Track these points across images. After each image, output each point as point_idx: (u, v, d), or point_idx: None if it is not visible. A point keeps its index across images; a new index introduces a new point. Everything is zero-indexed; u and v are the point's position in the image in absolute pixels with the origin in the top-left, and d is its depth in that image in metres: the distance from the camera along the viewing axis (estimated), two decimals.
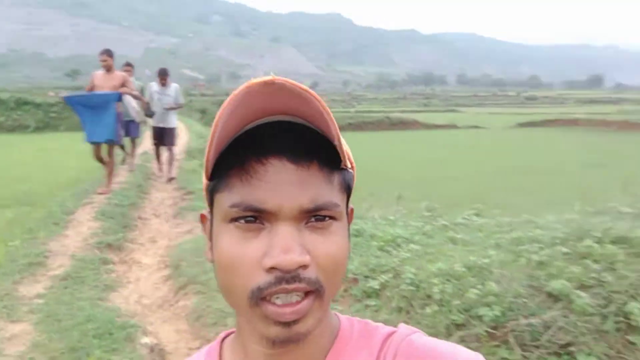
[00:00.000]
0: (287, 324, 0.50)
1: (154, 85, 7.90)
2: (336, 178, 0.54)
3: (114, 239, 4.68)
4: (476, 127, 31.89)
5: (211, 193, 0.56)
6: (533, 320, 2.53)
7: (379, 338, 0.59)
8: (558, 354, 2.57)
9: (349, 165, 0.57)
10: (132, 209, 5.88)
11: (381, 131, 29.57)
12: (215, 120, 0.50)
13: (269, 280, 0.49)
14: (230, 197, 0.52)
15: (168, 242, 4.90)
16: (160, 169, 8.33)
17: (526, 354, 2.53)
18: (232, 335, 0.65)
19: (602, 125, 31.15)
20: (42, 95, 26.02)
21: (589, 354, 2.53)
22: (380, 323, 0.62)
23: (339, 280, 0.54)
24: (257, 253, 0.50)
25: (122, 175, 8.01)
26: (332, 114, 0.50)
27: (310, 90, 0.49)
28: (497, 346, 2.57)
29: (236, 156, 0.52)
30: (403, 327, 0.60)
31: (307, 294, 0.50)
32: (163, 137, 7.93)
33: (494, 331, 2.56)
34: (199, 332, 3.03)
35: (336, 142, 0.51)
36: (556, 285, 2.60)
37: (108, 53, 6.33)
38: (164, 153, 8.13)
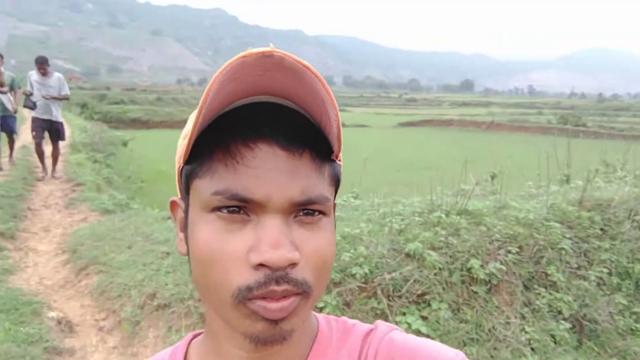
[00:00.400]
0: (274, 321, 0.46)
1: (34, 74, 7.19)
2: (327, 169, 0.50)
3: (5, 227, 4.58)
4: (363, 125, 33.59)
5: (187, 178, 0.50)
6: (395, 275, 3.11)
7: (357, 337, 0.57)
8: (417, 302, 3.18)
9: (338, 157, 0.53)
10: (20, 200, 5.70)
11: None
12: (204, 94, 0.44)
13: (257, 279, 0.45)
14: (213, 183, 0.47)
15: (63, 231, 4.89)
16: (44, 166, 7.64)
17: (391, 303, 3.11)
18: (201, 337, 0.60)
19: (472, 126, 34.46)
20: None
21: (441, 301, 3.17)
22: (356, 320, 0.61)
23: (326, 279, 0.51)
24: (242, 247, 0.46)
25: (4, 168, 7.58)
26: (334, 98, 0.46)
27: (312, 68, 0.44)
28: (368, 297, 3.12)
29: (221, 137, 0.47)
30: (381, 325, 0.58)
31: (294, 294, 0.47)
32: (51, 131, 7.33)
33: (364, 285, 3.11)
34: (104, 305, 3.23)
35: (334, 132, 0.47)
36: (412, 246, 3.21)
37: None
38: (48, 148, 7.51)
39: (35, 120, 7.24)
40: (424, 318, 3.07)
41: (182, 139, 0.50)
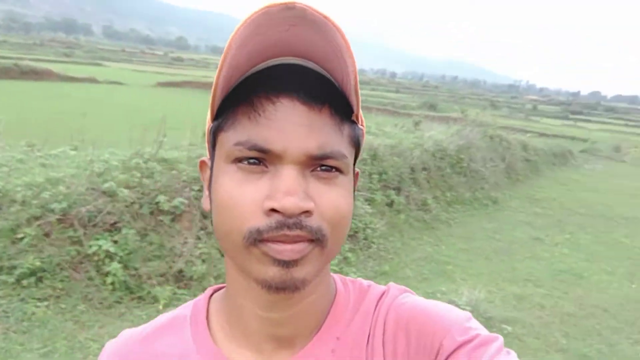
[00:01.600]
0: (286, 264, 0.46)
1: None
2: (347, 129, 0.50)
3: None
4: (118, 83, 32.00)
5: (214, 133, 0.52)
6: (90, 208, 3.82)
7: (372, 299, 0.58)
8: (110, 230, 3.95)
9: (360, 122, 0.54)
10: None
11: (9, 80, 26.38)
12: (226, 47, 0.45)
13: (269, 224, 0.46)
14: (236, 135, 0.48)
15: None
16: None
17: (87, 230, 3.82)
18: (222, 292, 0.61)
19: None
20: None
21: (130, 228, 4.00)
22: (372, 282, 0.62)
23: (342, 234, 0.50)
24: (258, 195, 0.47)
25: None
26: (352, 52, 0.47)
27: (333, 20, 0.44)
28: (66, 228, 3.77)
29: (244, 92, 0.48)
30: (393, 288, 0.60)
31: (309, 242, 0.47)
32: None
33: (63, 217, 3.74)
34: None
35: (351, 88, 0.48)
36: (107, 185, 3.96)
37: None
38: None
39: None
40: (115, 242, 3.87)
41: (211, 99, 0.50)
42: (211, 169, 0.53)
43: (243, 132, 0.48)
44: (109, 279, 3.71)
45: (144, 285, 3.87)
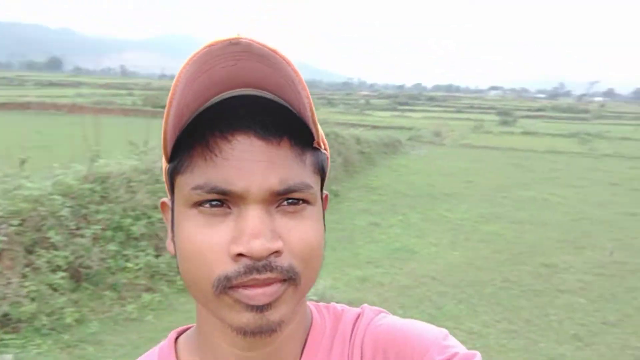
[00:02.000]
0: (260, 309, 0.45)
1: None
2: (308, 158, 0.49)
3: None
4: None
5: (171, 176, 0.50)
6: None
7: (348, 323, 0.57)
8: None
9: (323, 146, 0.52)
10: None
11: None
12: (172, 87, 0.44)
13: (237, 270, 0.45)
14: (193, 178, 0.47)
15: None
16: None
17: None
18: (189, 334, 0.59)
19: (54, 108, 32.55)
20: None
21: None
22: (345, 305, 0.61)
23: (315, 268, 0.50)
24: (223, 239, 0.46)
25: None
26: (304, 82, 0.46)
27: (281, 52, 0.44)
28: None
29: (198, 132, 0.46)
30: (367, 309, 0.59)
31: (281, 282, 0.46)
32: None
33: None
34: None
35: (308, 116, 0.46)
36: None
37: None
38: None
39: None
40: None
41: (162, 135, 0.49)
42: (172, 210, 0.52)
43: (200, 174, 0.46)
44: None
45: None
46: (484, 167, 13.88)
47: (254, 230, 0.44)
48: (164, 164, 0.51)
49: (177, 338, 0.60)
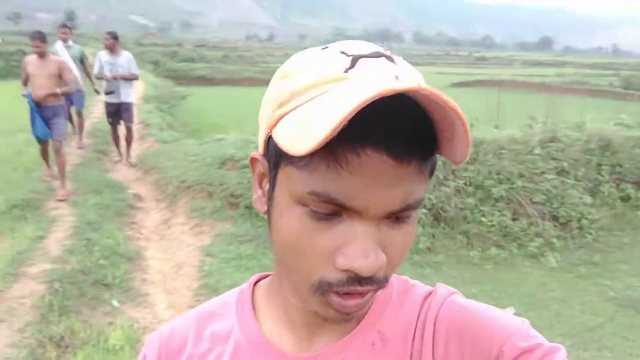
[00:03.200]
0: (347, 313, 0.48)
1: (104, 55, 6.76)
2: (429, 168, 0.47)
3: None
4: None
5: (278, 155, 0.47)
6: None
7: (417, 297, 0.57)
8: None
9: None
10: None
11: None
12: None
13: (340, 279, 0.45)
14: (312, 182, 0.44)
15: (139, 152, 7.61)
16: (119, 151, 7.47)
17: None
18: (267, 281, 0.62)
19: (524, 87, 34.28)
20: None
21: None
22: (417, 281, 0.60)
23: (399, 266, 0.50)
24: (329, 246, 0.45)
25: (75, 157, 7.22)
26: (470, 140, 0.42)
27: (458, 109, 0.40)
28: None
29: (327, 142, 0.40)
30: (441, 287, 0.58)
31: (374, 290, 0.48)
32: (120, 112, 6.95)
33: None
34: (159, 188, 5.80)
35: (466, 133, 0.41)
36: None
37: (41, 38, 5.38)
38: (122, 131, 7.20)
39: (106, 105, 7.04)
40: None
41: (277, 107, 0.47)
42: (271, 184, 0.50)
43: (320, 181, 0.43)
44: None
45: None
46: None
47: (365, 250, 0.44)
48: (266, 128, 0.49)
49: (257, 282, 0.62)
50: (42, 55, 5.49)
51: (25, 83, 5.67)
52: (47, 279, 3.82)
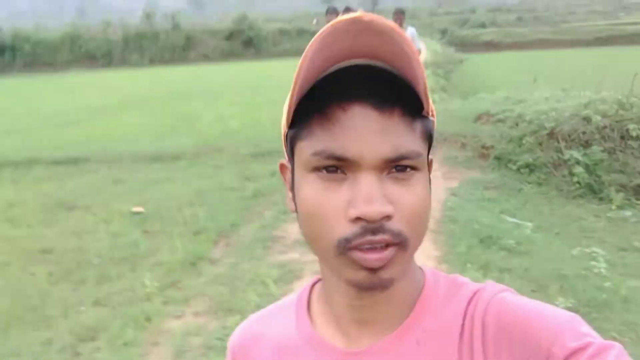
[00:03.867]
0: (373, 270, 0.50)
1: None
2: (419, 126, 0.52)
3: None
4: None
5: (292, 141, 0.55)
6: (570, 128, 5.45)
7: (466, 294, 0.57)
8: (583, 145, 5.43)
9: (430, 113, 0.54)
10: None
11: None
12: (298, 65, 0.48)
13: (354, 231, 0.49)
14: (312, 145, 0.51)
15: None
16: None
17: (566, 143, 5.48)
18: (320, 283, 0.66)
19: None
20: (306, 23, 29.09)
21: (599, 146, 5.32)
22: (467, 279, 0.61)
23: (422, 232, 0.54)
24: (340, 203, 0.50)
25: None
26: (419, 58, 0.48)
27: (398, 29, 0.46)
28: (552, 140, 5.57)
29: (317, 102, 0.50)
30: (491, 285, 0.58)
31: (390, 244, 0.50)
32: None
33: (551, 133, 5.58)
34: None
35: (421, 88, 0.49)
36: (585, 112, 5.45)
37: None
38: None
39: None
40: (585, 154, 5.33)
41: (286, 105, 0.53)
42: (292, 173, 0.56)
43: (319, 142, 0.50)
44: (575, 179, 5.26)
45: (604, 189, 5.16)
46: None
47: (368, 195, 0.48)
48: (283, 130, 0.56)
49: (315, 284, 0.67)
50: None
51: None
52: None
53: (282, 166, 0.61)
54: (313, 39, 0.47)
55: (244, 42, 27.28)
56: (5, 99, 15.67)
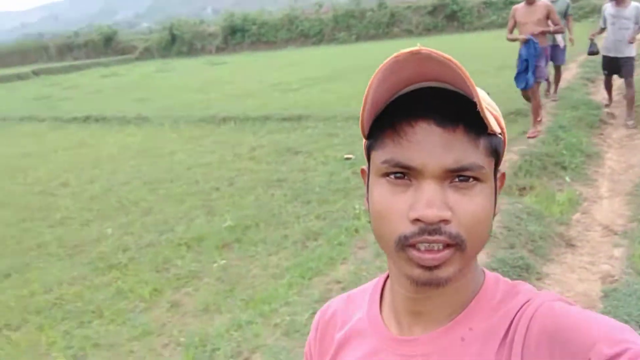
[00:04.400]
0: (429, 268, 0.55)
1: (609, 7, 6.51)
2: (482, 142, 0.56)
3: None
4: None
5: (368, 150, 0.62)
6: None
7: (520, 300, 0.59)
8: None
9: (499, 131, 0.58)
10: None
11: None
12: (367, 86, 0.54)
13: (413, 230, 0.54)
14: (383, 154, 0.57)
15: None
16: (609, 98, 7.31)
17: None
18: None
19: None
20: None
21: None
22: (532, 287, 0.62)
23: (481, 236, 0.57)
24: (404, 205, 0.55)
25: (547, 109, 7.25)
26: (473, 82, 0.51)
27: (453, 59, 0.50)
28: None
29: (389, 119, 0.57)
30: (545, 293, 0.60)
31: (448, 245, 0.54)
32: (616, 67, 6.70)
33: None
34: None
35: (481, 108, 0.52)
36: None
37: None
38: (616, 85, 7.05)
39: (603, 57, 6.89)
40: None
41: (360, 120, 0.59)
42: (367, 177, 0.63)
43: (388, 152, 0.56)
44: None
45: None
46: None
47: (428, 200, 0.54)
48: (364, 141, 0.62)
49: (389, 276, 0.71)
50: (530, 2, 5.81)
51: (511, 30, 6.11)
52: (521, 154, 5.55)
53: (362, 171, 0.66)
54: (379, 68, 0.53)
55: (447, 16, 27.03)
56: (240, 71, 18.72)
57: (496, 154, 0.59)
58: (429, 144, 0.55)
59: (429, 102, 0.55)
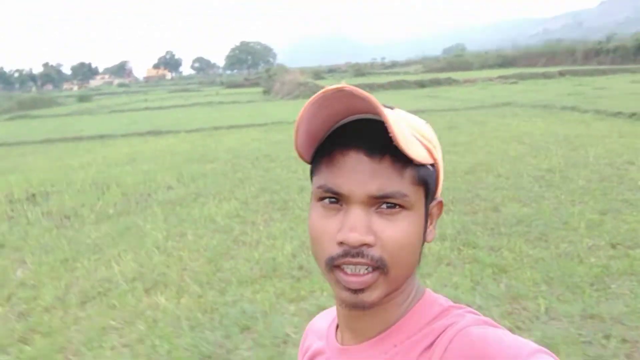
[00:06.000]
0: (354, 291, 0.57)
1: None
2: (408, 172, 0.58)
3: None
4: None
5: (310, 174, 0.65)
6: None
7: (443, 325, 0.61)
8: None
9: (429, 162, 0.61)
10: None
11: None
12: (298, 118, 0.57)
13: (338, 252, 0.57)
14: (318, 180, 0.60)
15: None
16: None
17: None
18: None
19: None
20: None
21: None
22: (470, 309, 0.63)
23: (405, 261, 0.59)
24: (333, 228, 0.58)
25: None
26: (391, 118, 0.54)
27: (372, 96, 0.53)
28: None
29: (328, 148, 0.60)
30: (469, 317, 0.61)
31: (374, 269, 0.57)
32: None
33: None
34: None
35: (395, 142, 0.54)
36: None
37: None
38: None
39: None
40: None
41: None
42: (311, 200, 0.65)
43: (323, 178, 0.60)
44: None
45: None
46: None
47: (352, 225, 0.56)
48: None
49: None
50: None
51: None
52: None
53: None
54: (308, 101, 0.56)
55: None
56: None
57: (425, 184, 0.61)
58: (357, 172, 0.57)
59: (360, 134, 0.58)
